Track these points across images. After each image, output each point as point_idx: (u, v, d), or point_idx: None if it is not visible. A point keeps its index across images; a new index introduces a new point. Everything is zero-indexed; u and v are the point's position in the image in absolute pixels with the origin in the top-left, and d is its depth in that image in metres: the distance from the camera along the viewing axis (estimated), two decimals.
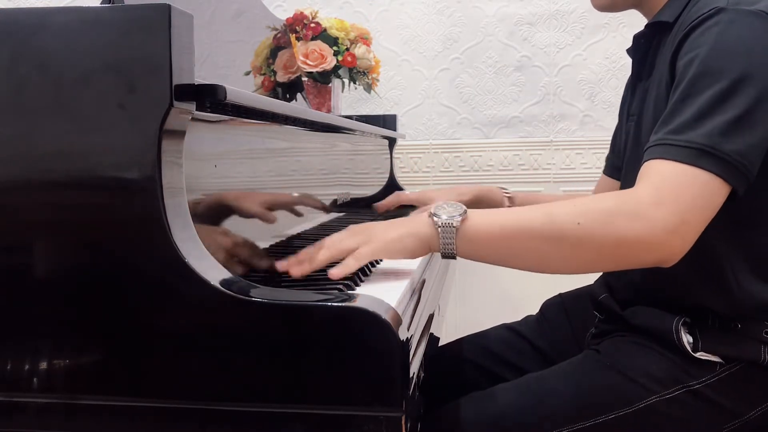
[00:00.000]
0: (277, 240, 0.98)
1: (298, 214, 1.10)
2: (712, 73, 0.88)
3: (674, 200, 0.85)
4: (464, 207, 0.89)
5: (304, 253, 0.89)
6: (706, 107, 0.87)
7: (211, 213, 0.80)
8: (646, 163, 0.89)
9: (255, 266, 0.86)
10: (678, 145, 0.87)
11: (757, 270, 0.94)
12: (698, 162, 0.85)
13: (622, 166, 1.13)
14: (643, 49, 1.09)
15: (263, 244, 0.92)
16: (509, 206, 1.33)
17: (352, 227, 0.92)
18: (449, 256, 0.88)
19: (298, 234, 1.07)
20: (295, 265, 0.87)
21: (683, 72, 0.91)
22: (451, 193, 1.35)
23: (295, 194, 1.11)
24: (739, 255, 0.94)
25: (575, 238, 0.85)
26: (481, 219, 0.88)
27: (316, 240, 0.91)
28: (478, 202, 1.34)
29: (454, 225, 0.87)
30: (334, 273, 0.84)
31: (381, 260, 1.04)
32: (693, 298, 0.95)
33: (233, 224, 0.85)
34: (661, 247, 0.85)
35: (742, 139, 0.86)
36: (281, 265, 0.88)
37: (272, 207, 0.99)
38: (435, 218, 0.88)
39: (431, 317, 0.99)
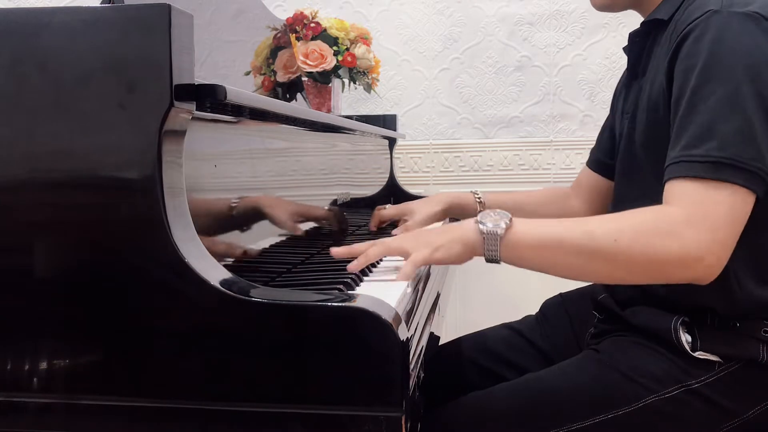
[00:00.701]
0: (278, 239, 0.98)
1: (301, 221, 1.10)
2: (714, 80, 0.88)
3: (703, 218, 0.85)
4: (509, 215, 0.92)
5: (357, 248, 0.94)
6: (713, 116, 0.87)
7: (211, 214, 0.80)
8: (669, 183, 0.90)
9: (253, 260, 0.86)
10: (696, 161, 0.87)
11: (758, 271, 0.94)
12: (719, 175, 0.86)
13: (614, 164, 1.13)
14: (638, 47, 1.09)
15: (264, 243, 0.92)
16: (481, 210, 1.33)
17: (404, 234, 0.99)
18: (493, 261, 0.92)
19: (297, 234, 1.07)
20: (350, 259, 0.92)
21: (684, 81, 0.91)
22: (430, 202, 1.35)
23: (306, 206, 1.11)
24: (741, 256, 0.93)
25: (611, 254, 0.88)
26: (524, 228, 0.91)
27: (317, 239, 0.92)
28: (451, 210, 1.36)
29: (499, 233, 0.90)
30: (396, 277, 0.90)
31: (382, 259, 1.04)
32: (694, 298, 0.95)
33: (232, 223, 0.85)
34: (695, 265, 0.86)
35: (755, 143, 0.86)
36: (335, 252, 0.94)
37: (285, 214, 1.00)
38: (481, 226, 0.91)
39: (431, 317, 0.99)
